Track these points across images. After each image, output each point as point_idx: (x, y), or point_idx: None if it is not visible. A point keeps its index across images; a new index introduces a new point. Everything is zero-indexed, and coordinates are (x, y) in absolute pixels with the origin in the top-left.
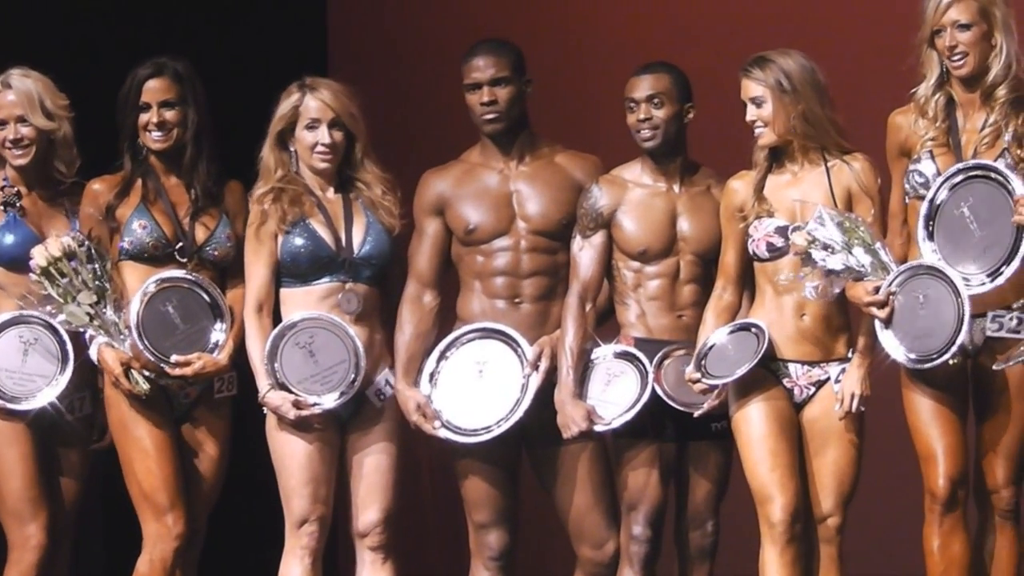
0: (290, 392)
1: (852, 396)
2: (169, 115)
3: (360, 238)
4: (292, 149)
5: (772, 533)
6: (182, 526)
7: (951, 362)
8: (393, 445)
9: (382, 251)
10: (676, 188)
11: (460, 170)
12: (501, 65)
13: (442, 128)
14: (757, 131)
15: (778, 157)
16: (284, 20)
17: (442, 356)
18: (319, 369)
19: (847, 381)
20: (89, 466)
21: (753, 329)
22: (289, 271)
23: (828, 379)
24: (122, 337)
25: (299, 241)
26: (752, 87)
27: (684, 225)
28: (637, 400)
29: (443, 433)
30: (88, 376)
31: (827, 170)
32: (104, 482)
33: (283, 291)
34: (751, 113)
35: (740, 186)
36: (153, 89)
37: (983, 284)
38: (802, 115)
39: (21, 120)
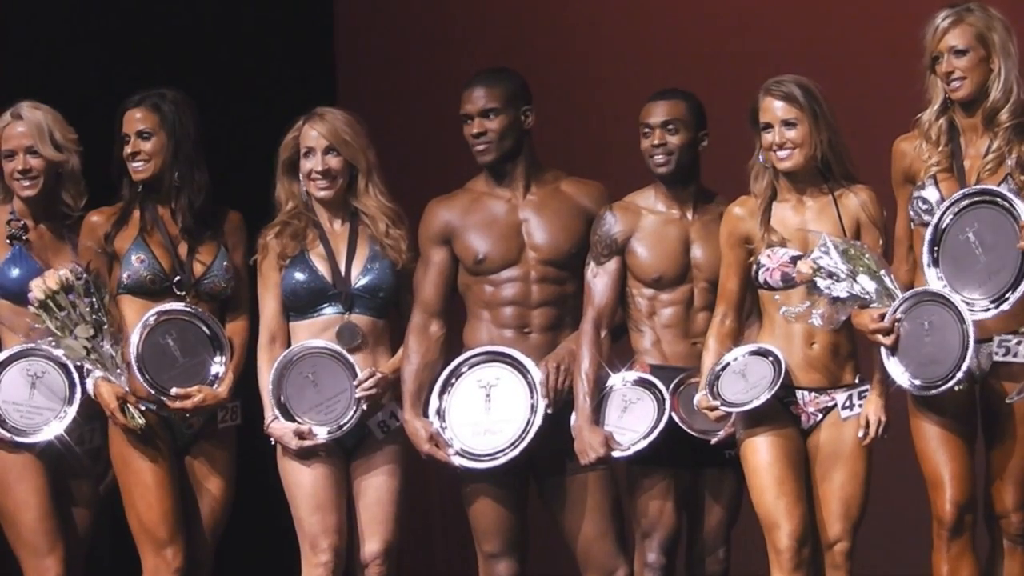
0: (296, 422)
1: (879, 423)
2: (145, 146)
3: (360, 270)
4: (302, 179)
5: (779, 559)
6: (181, 560)
7: (957, 388)
8: (396, 476)
9: (382, 283)
10: (689, 215)
11: (467, 199)
12: (492, 96)
13: (450, 157)
14: (782, 154)
15: (780, 185)
16: (293, 52)
17: (447, 383)
18: (322, 399)
19: (870, 409)
20: (100, 497)
21: (770, 357)
22: (290, 304)
23: (835, 405)
24: (118, 371)
25: (296, 275)
26: (784, 108)
27: (698, 252)
28: (655, 426)
29: (457, 460)
30: (98, 408)
31: (834, 199)
32: (113, 514)
33: (290, 324)
34: (777, 135)
35: (744, 213)
36: (131, 119)
37: (988, 310)
38: (828, 140)
39: (30, 151)
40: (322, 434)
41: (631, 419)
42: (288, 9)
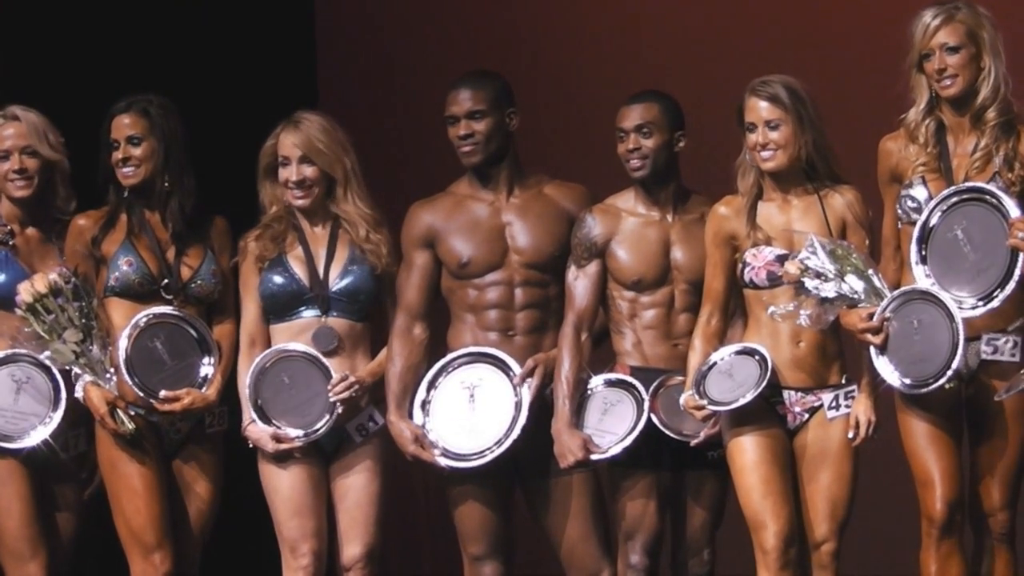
0: (273, 425)
1: (869, 424)
2: (135, 151)
3: (338, 273)
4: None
5: (766, 560)
6: (168, 565)
7: (947, 387)
8: (376, 479)
9: (360, 286)
10: (669, 217)
11: (449, 202)
12: (478, 98)
13: (433, 160)
14: (765, 154)
15: (765, 184)
16: (274, 56)
17: (432, 384)
18: (298, 402)
19: (859, 409)
20: (85, 503)
21: (756, 356)
22: (268, 307)
23: (821, 405)
24: (108, 376)
25: (273, 278)
26: (768, 109)
27: (678, 254)
28: (633, 428)
29: (443, 461)
30: (82, 414)
31: (820, 198)
32: (101, 519)
33: (270, 327)
34: (761, 136)
35: (729, 212)
36: (119, 125)
37: (976, 307)
38: (812, 141)
39: (26, 150)
40: (297, 437)
41: (611, 421)
42: (268, 13)
